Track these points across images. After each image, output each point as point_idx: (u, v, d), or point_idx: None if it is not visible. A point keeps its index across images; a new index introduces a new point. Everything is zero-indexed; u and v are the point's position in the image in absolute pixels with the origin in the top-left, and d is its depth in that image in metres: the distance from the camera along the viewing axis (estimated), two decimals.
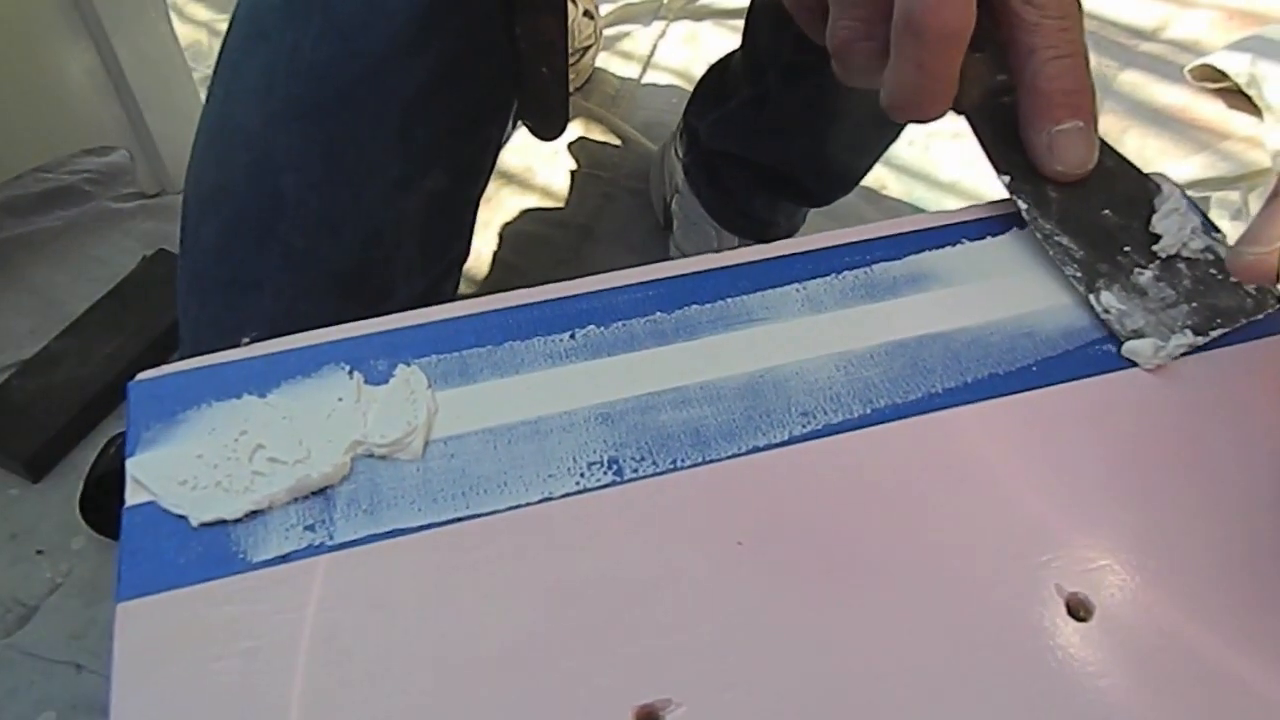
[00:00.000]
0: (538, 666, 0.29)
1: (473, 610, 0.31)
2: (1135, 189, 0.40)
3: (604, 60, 1.37)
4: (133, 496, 0.33)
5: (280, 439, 0.34)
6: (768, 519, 0.33)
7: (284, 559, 0.31)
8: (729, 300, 0.39)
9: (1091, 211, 0.39)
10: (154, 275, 1.06)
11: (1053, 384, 0.36)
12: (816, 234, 0.41)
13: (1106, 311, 0.37)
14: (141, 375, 0.36)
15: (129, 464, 0.34)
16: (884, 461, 0.34)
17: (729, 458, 0.34)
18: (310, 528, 0.32)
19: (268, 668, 0.29)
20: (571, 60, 1.25)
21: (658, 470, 0.34)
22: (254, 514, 0.32)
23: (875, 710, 0.29)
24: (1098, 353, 0.37)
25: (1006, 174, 0.39)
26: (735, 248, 0.44)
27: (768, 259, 0.40)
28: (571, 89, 1.08)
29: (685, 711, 0.29)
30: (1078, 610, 0.30)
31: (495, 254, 1.14)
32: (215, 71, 0.58)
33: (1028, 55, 0.37)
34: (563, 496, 0.33)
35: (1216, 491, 0.33)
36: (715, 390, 0.36)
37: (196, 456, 0.34)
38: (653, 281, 0.39)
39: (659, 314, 0.38)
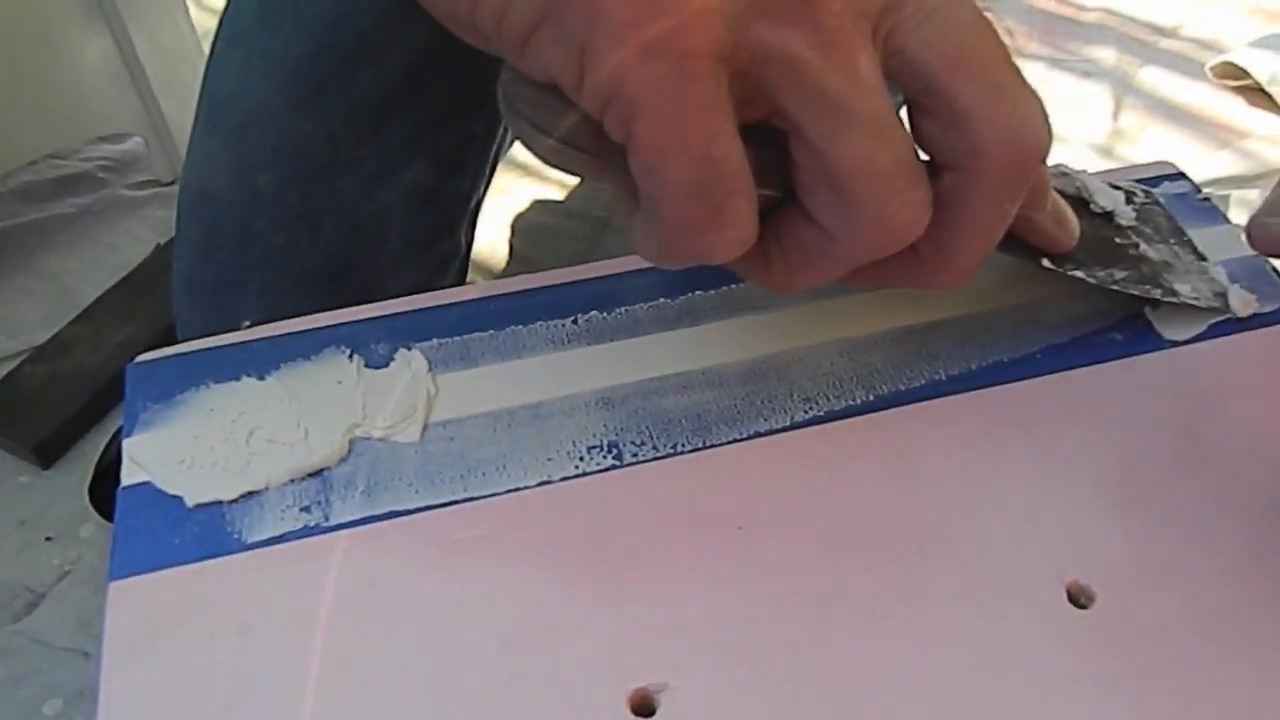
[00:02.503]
0: (534, 650, 0.29)
1: (469, 592, 0.30)
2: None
3: None
4: (129, 476, 0.33)
5: (278, 421, 0.34)
6: (768, 504, 0.32)
7: (279, 539, 0.31)
8: (733, 286, 0.38)
9: (1080, 240, 0.36)
10: (167, 263, 1.05)
11: (1058, 371, 0.35)
12: None
13: (1196, 299, 0.37)
14: (141, 357, 0.36)
15: (125, 444, 0.33)
16: (886, 447, 0.34)
17: (730, 443, 0.34)
18: (306, 509, 0.32)
19: (261, 647, 0.29)
20: None
21: (658, 455, 0.34)
22: (250, 495, 0.32)
23: (873, 694, 0.28)
24: (1103, 340, 0.36)
25: (1043, 257, 0.35)
26: None
27: None
28: None
29: (681, 694, 0.28)
30: (1079, 597, 0.30)
31: (510, 246, 1.13)
32: (204, 76, 0.59)
33: None
34: (561, 480, 0.33)
35: (1221, 480, 0.33)
36: (717, 375, 0.36)
37: (194, 437, 0.34)
38: (656, 267, 0.39)
39: (662, 299, 0.38)
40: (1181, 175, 0.42)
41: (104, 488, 0.88)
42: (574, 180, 1.21)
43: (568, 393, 0.35)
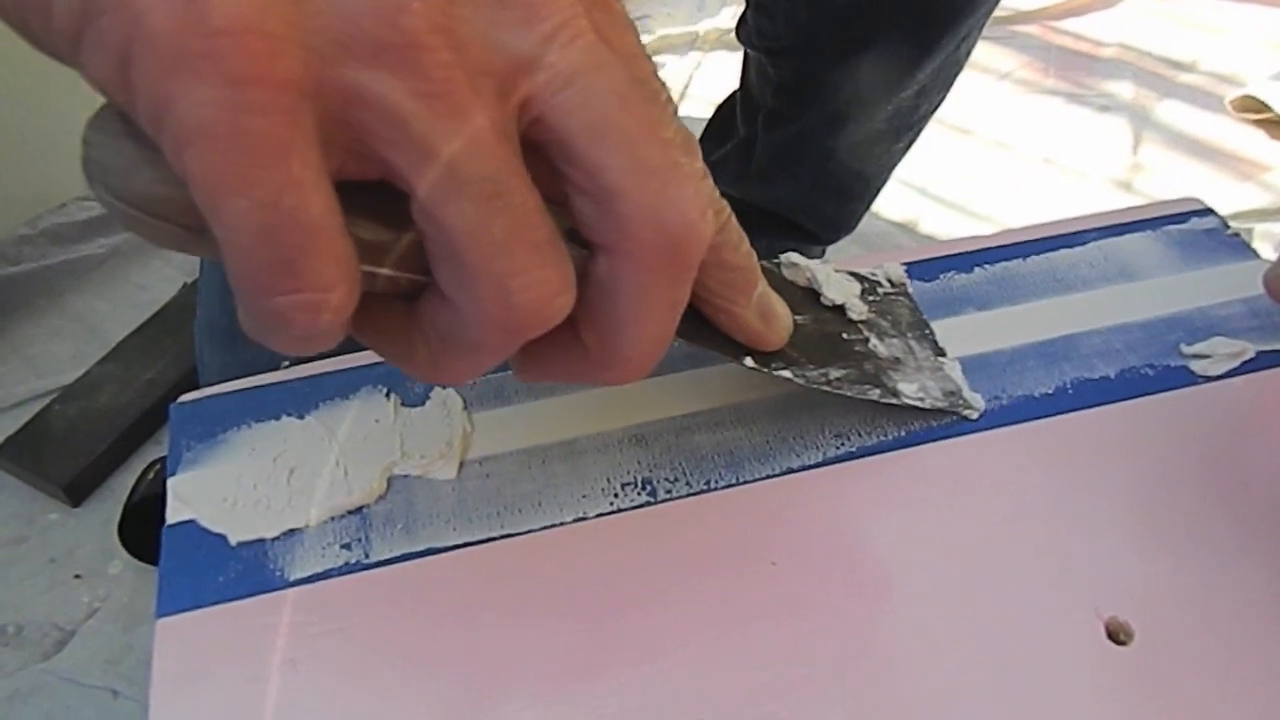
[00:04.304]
0: (572, 686, 0.29)
1: (508, 628, 0.31)
2: (775, 280, 0.35)
3: None
4: (174, 515, 0.33)
5: (318, 459, 0.35)
6: (802, 540, 0.33)
7: (321, 577, 0.32)
8: None
9: (799, 333, 0.34)
10: (194, 302, 1.08)
11: (1090, 406, 0.36)
12: (854, 250, 0.41)
13: (921, 399, 0.35)
14: (184, 397, 0.37)
15: (170, 483, 0.34)
16: (919, 483, 0.34)
17: (763, 479, 0.34)
18: (347, 546, 0.32)
19: (305, 684, 0.29)
20: None
21: (691, 491, 0.34)
22: (291, 532, 0.33)
23: None
24: (1135, 375, 0.37)
25: (746, 355, 0.32)
26: None
27: None
28: None
29: None
30: (1118, 634, 0.30)
31: None
32: None
33: None
34: (597, 516, 0.33)
35: (1257, 514, 0.33)
36: (749, 411, 0.36)
37: (236, 477, 0.34)
38: None
39: None
40: (1209, 211, 0.42)
41: (133, 525, 0.88)
42: None
43: (601, 429, 0.36)
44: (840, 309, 0.36)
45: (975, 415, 0.36)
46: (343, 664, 0.30)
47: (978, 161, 1.27)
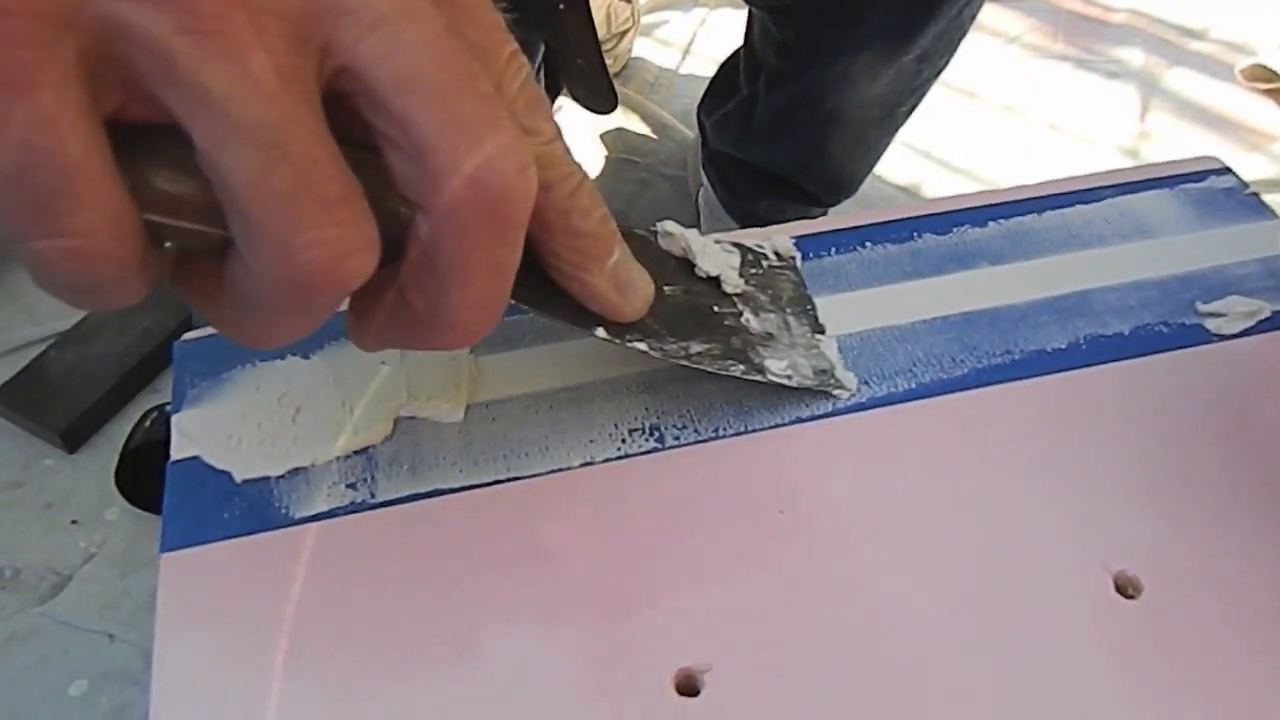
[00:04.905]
0: (578, 629, 0.29)
1: (514, 571, 0.30)
2: (650, 249, 0.35)
3: (643, 47, 1.36)
4: (178, 450, 0.33)
5: (323, 399, 0.34)
6: (810, 489, 0.32)
7: (327, 515, 0.31)
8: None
9: (665, 304, 0.33)
10: None
11: (1104, 362, 0.35)
12: (858, 211, 0.41)
13: (789, 377, 0.34)
14: (188, 335, 0.37)
15: (174, 419, 0.34)
16: (929, 435, 0.34)
17: (772, 428, 0.34)
18: (353, 485, 0.32)
19: (310, 620, 0.29)
20: (608, 46, 1.25)
21: (700, 438, 0.34)
22: (297, 471, 0.32)
23: (916, 681, 0.28)
24: (1149, 332, 0.36)
25: (599, 326, 0.31)
26: None
27: (809, 235, 0.40)
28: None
29: (724, 675, 0.28)
30: (1126, 588, 0.30)
31: None
32: None
33: (543, 193, 0.26)
34: (604, 462, 0.33)
35: (1267, 472, 0.33)
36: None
37: (241, 415, 0.34)
38: None
39: None
40: (1227, 170, 0.42)
41: (129, 472, 0.88)
42: (593, 173, 1.21)
43: (609, 375, 0.35)
44: (715, 281, 0.35)
45: (845, 395, 0.35)
46: (348, 602, 0.30)
47: (984, 126, 1.26)
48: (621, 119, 1.26)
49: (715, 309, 0.34)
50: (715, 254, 0.35)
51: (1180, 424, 0.34)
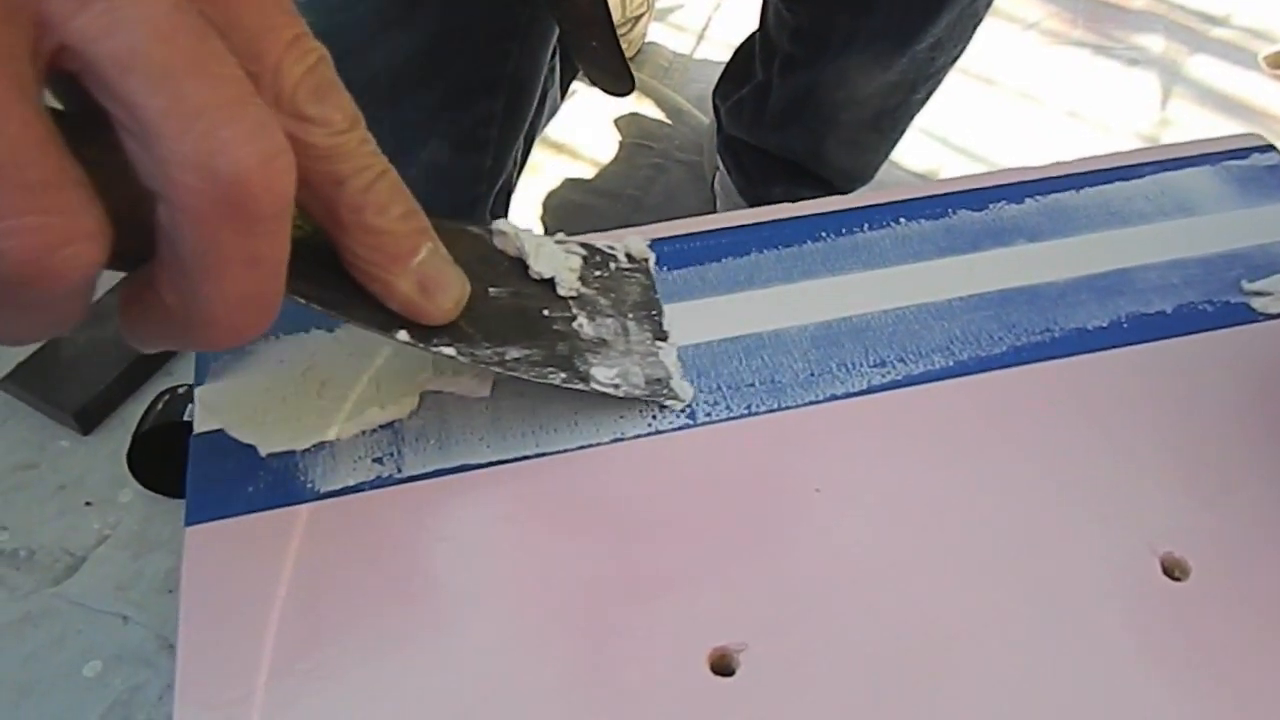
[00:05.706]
0: (609, 608, 0.29)
1: (543, 548, 0.30)
2: (481, 248, 0.33)
3: (657, 32, 1.35)
4: (201, 424, 0.32)
5: (348, 373, 0.34)
6: (846, 468, 0.32)
7: (353, 490, 0.31)
8: (801, 246, 0.38)
9: (488, 306, 0.31)
10: None
11: (1146, 341, 0.34)
12: (894, 187, 0.40)
13: (616, 386, 0.32)
14: None
15: (197, 392, 0.33)
16: (967, 414, 0.33)
17: (805, 405, 0.33)
18: (379, 460, 0.31)
19: (335, 595, 0.29)
20: (623, 30, 1.24)
21: (731, 415, 0.33)
22: (322, 445, 0.32)
23: (956, 660, 0.28)
24: (1193, 311, 0.35)
25: (401, 329, 0.29)
26: None
27: (842, 210, 0.39)
28: None
29: (760, 655, 0.28)
30: (1173, 570, 0.29)
31: (543, 224, 1.13)
32: None
33: (335, 187, 0.26)
34: (635, 437, 0.32)
35: None
36: (790, 338, 0.35)
37: (265, 389, 0.33)
38: (725, 230, 0.38)
39: (728, 259, 0.37)
40: (1270, 147, 0.41)
41: (142, 455, 0.88)
42: (607, 158, 1.20)
43: None
44: (550, 283, 0.34)
45: (680, 406, 0.33)
46: (373, 577, 0.29)
47: (1001, 113, 1.25)
48: (636, 104, 1.25)
49: (545, 313, 0.33)
50: (552, 255, 0.34)
51: (1224, 403, 0.33)
